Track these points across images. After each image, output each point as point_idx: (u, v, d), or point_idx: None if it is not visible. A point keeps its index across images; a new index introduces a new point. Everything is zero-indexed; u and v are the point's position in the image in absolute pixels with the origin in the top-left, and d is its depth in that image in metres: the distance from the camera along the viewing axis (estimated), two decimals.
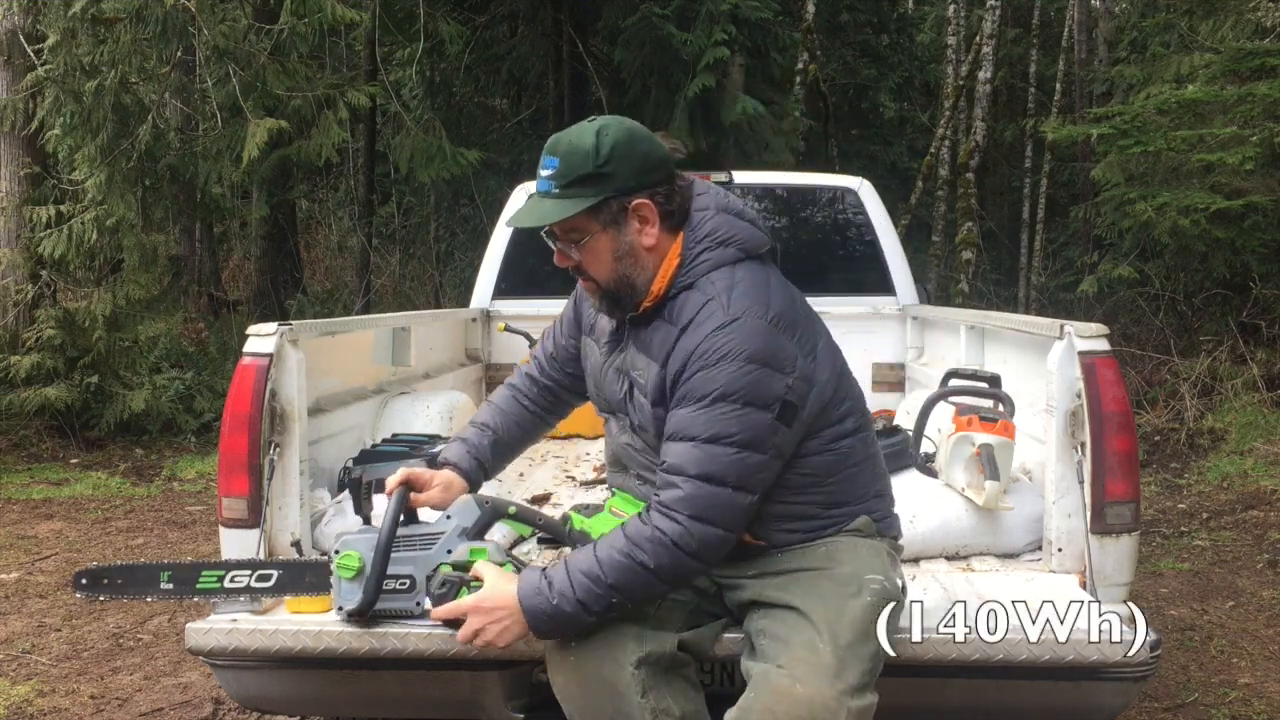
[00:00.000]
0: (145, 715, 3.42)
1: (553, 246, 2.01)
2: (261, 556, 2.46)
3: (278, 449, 2.48)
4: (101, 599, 2.20)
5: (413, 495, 2.08)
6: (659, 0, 9.46)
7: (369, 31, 9.82)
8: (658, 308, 1.97)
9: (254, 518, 2.45)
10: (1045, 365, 2.47)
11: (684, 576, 1.88)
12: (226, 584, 2.11)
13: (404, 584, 2.03)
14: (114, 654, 3.94)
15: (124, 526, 5.84)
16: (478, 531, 2.08)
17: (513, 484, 3.46)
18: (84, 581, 2.14)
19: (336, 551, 2.02)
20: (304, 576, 2.13)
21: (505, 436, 2.27)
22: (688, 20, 9.39)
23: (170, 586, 2.13)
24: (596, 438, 4.33)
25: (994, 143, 14.78)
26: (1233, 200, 7.26)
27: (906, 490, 2.70)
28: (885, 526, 2.07)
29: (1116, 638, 2.01)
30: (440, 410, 3.37)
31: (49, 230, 7.39)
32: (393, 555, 2.00)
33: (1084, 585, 2.34)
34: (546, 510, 3.15)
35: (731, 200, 2.05)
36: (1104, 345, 2.39)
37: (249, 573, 2.12)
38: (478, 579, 1.93)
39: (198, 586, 2.12)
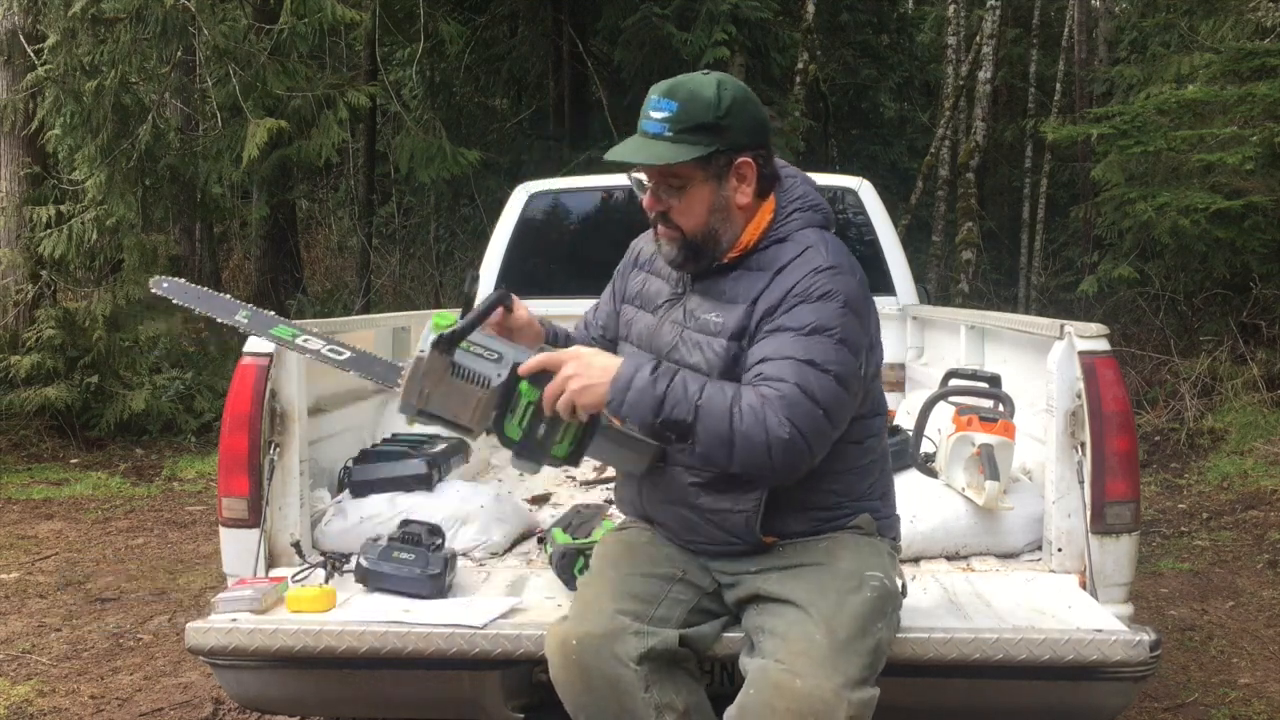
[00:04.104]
0: (145, 715, 3.42)
1: (637, 189, 2.02)
2: (263, 557, 2.47)
3: (278, 449, 2.48)
4: (174, 301, 2.17)
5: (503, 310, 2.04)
6: (659, 0, 9.46)
7: (369, 31, 9.82)
8: (741, 259, 2.00)
9: (254, 518, 2.45)
10: (1045, 365, 2.48)
11: (752, 460, 1.80)
12: (299, 341, 2.09)
13: (494, 355, 1.88)
14: (114, 654, 3.94)
15: (124, 526, 5.84)
16: None
17: (513, 484, 3.46)
18: (165, 285, 2.16)
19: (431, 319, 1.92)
20: (374, 365, 2.07)
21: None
22: (688, 20, 9.39)
23: (246, 321, 2.13)
24: None
25: (994, 143, 14.76)
26: (1233, 200, 7.26)
27: (906, 490, 2.70)
28: (885, 527, 2.09)
29: (1116, 638, 2.01)
30: None
31: (49, 230, 7.39)
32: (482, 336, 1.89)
33: (1084, 585, 2.34)
34: (546, 511, 3.16)
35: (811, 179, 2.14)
36: (1104, 345, 2.40)
37: (324, 342, 2.09)
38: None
39: (272, 332, 2.11)
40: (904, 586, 2.03)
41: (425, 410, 1.87)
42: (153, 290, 2.19)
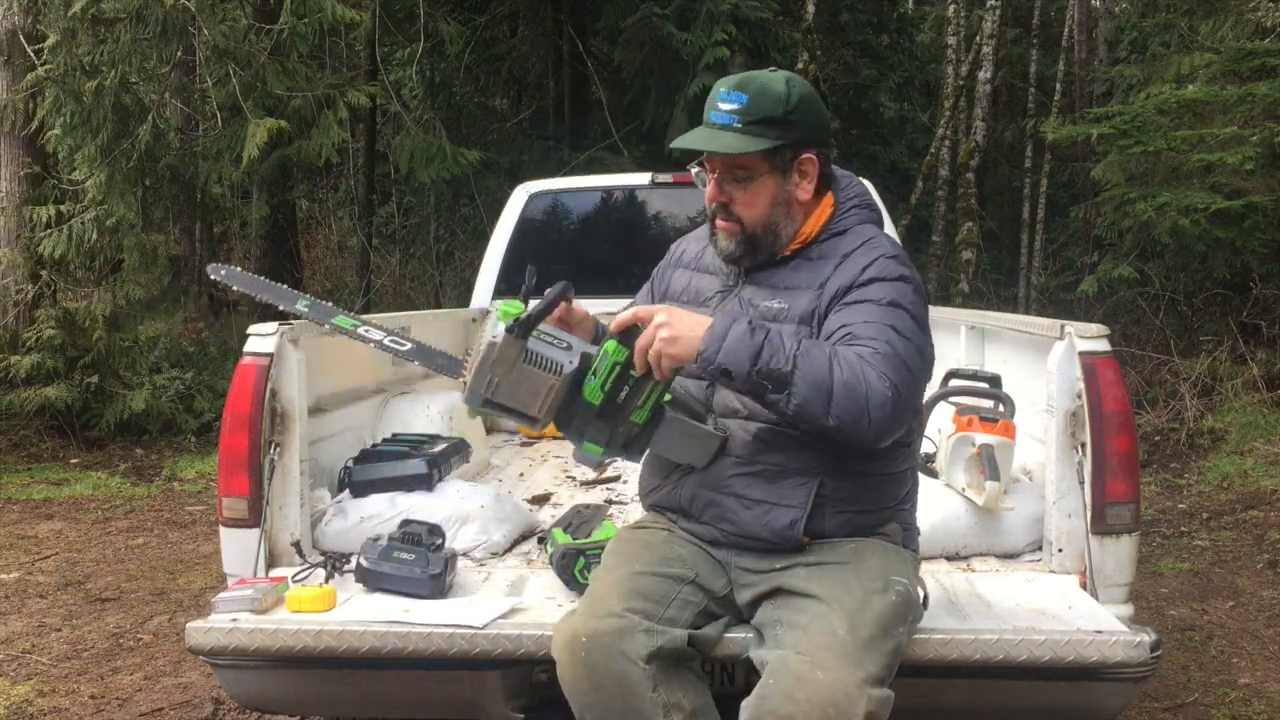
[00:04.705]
0: (145, 715, 3.42)
1: (698, 181, 2.06)
2: (263, 557, 2.47)
3: (278, 449, 2.48)
4: (234, 287, 2.22)
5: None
6: (659, 0, 9.47)
7: (369, 31, 9.82)
8: (800, 250, 2.05)
9: (254, 518, 2.45)
10: (1045, 365, 2.48)
11: (849, 413, 1.78)
12: (360, 331, 2.11)
13: (564, 344, 1.87)
14: (114, 654, 3.94)
15: (124, 526, 5.84)
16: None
17: (513, 484, 3.46)
18: (223, 272, 2.20)
19: (498, 307, 1.92)
20: (435, 356, 2.10)
21: None
22: (688, 20, 9.40)
23: (306, 309, 2.17)
24: None
25: (994, 143, 14.76)
26: (1233, 200, 7.27)
27: None
28: (909, 538, 2.11)
29: (1116, 638, 2.01)
30: (440, 410, 3.37)
31: (49, 230, 7.39)
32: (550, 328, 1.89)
33: (1084, 585, 2.34)
34: (546, 511, 3.16)
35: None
36: (1104, 345, 2.40)
37: (384, 333, 2.12)
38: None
39: (334, 321, 2.14)
40: (925, 599, 2.03)
41: (492, 400, 1.85)
42: (211, 276, 2.22)
